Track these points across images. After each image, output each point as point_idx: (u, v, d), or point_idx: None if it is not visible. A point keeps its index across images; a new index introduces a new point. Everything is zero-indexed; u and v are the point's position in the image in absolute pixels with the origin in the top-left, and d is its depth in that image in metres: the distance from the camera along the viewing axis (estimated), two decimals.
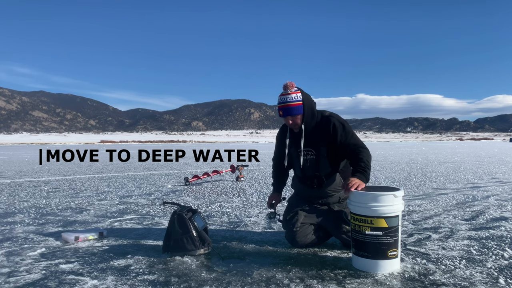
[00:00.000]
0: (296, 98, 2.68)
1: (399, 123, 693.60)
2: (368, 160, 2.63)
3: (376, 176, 8.43)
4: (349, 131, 2.74)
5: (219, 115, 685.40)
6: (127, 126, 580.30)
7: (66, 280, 2.27)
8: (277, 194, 3.12)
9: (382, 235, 2.29)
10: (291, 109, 2.69)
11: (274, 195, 3.11)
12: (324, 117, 2.79)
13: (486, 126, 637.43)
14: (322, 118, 2.79)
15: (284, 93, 2.72)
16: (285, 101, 2.70)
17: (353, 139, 2.72)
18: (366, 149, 2.69)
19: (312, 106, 2.77)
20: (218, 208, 4.58)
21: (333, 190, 2.81)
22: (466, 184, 6.80)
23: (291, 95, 2.69)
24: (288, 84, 2.71)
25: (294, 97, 2.68)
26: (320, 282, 2.19)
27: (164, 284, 2.20)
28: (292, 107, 2.69)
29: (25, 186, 7.08)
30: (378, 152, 23.02)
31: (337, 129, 2.71)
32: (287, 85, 2.71)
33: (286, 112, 2.71)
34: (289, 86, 2.71)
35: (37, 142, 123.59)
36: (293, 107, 2.68)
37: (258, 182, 7.36)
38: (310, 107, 2.74)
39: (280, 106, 2.73)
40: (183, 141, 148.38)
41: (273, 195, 3.12)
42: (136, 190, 6.30)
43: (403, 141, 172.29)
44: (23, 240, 3.20)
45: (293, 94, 2.69)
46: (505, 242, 2.99)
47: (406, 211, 4.17)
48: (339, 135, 2.71)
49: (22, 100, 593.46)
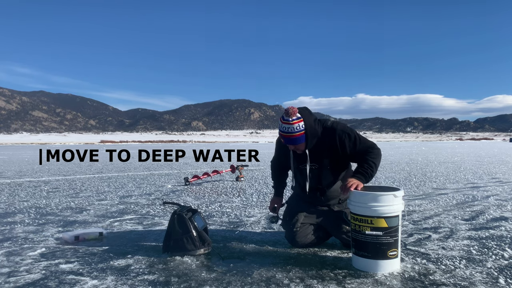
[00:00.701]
0: (299, 128, 2.57)
1: (399, 123, 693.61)
2: (374, 161, 2.60)
3: (376, 176, 8.43)
4: (356, 138, 2.66)
5: (219, 115, 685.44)
6: (127, 126, 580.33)
7: (66, 280, 2.27)
8: (278, 198, 3.11)
9: (382, 235, 2.29)
10: (294, 139, 2.60)
11: (276, 199, 3.10)
12: (326, 129, 2.70)
13: (486, 126, 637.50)
14: (325, 130, 2.70)
15: (286, 122, 2.58)
16: (287, 131, 2.59)
17: (361, 144, 2.66)
18: (375, 149, 2.65)
19: (316, 130, 2.65)
20: (218, 208, 4.58)
21: (333, 197, 2.82)
22: (466, 184, 6.80)
23: (293, 125, 2.56)
24: (290, 111, 2.57)
25: (296, 128, 2.56)
26: (320, 282, 2.19)
27: (164, 284, 2.20)
28: (295, 138, 2.59)
29: (25, 186, 7.08)
30: None
31: (344, 141, 2.64)
32: (288, 112, 2.57)
33: (288, 141, 2.64)
34: (291, 113, 2.56)
35: (37, 142, 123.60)
36: (296, 137, 2.59)
37: (258, 182, 7.36)
38: (313, 133, 2.63)
39: (282, 135, 2.66)
40: (183, 141, 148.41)
41: (274, 199, 3.11)
42: (136, 190, 6.30)
43: (403, 141, 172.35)
44: (23, 240, 3.20)
45: (295, 124, 2.56)
46: (505, 242, 2.99)
47: (406, 211, 4.17)
48: (347, 146, 2.65)
49: (22, 100, 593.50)
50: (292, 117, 2.56)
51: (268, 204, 4.81)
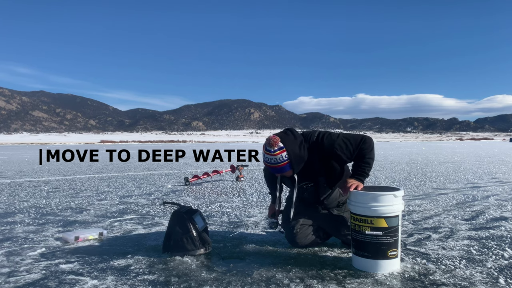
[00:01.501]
0: (282, 159, 2.49)
1: (399, 123, 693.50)
2: (369, 156, 2.55)
3: (376, 176, 8.42)
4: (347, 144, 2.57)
5: (219, 115, 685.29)
6: (127, 126, 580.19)
7: (66, 280, 2.27)
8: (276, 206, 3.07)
9: (382, 235, 2.29)
10: (279, 169, 2.56)
11: (274, 206, 3.08)
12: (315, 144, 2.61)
13: (486, 126, 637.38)
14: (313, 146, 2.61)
15: (268, 152, 2.52)
16: (270, 162, 2.54)
17: (353, 146, 2.57)
18: (366, 142, 2.56)
19: (301, 156, 2.56)
20: (218, 208, 4.58)
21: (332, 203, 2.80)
22: (466, 184, 6.80)
23: (276, 156, 2.49)
24: (272, 141, 2.49)
25: (279, 158, 2.49)
26: (320, 282, 2.19)
27: (164, 284, 2.20)
28: (280, 168, 2.54)
29: (25, 186, 7.08)
30: (378, 152, 23.03)
31: (337, 151, 2.56)
32: (270, 143, 2.49)
33: (274, 171, 2.61)
34: (273, 144, 2.48)
35: (37, 142, 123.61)
36: (280, 167, 2.54)
37: (258, 182, 7.36)
38: (298, 160, 2.55)
39: (267, 165, 2.60)
40: (183, 141, 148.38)
41: (272, 206, 3.10)
42: (136, 190, 6.30)
43: (403, 141, 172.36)
44: (23, 240, 3.20)
45: (278, 155, 2.49)
46: (505, 242, 2.99)
47: (406, 211, 4.17)
48: (343, 156, 2.57)
49: (22, 100, 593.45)
50: (274, 147, 2.49)
51: (268, 204, 4.81)
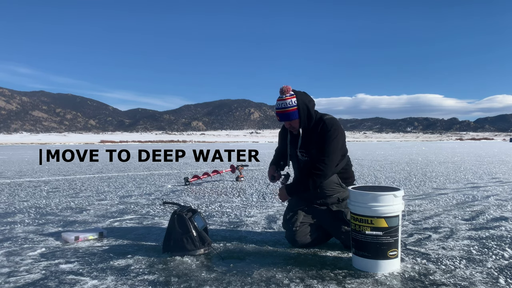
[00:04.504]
0: (291, 104, 2.68)
1: (399, 123, 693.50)
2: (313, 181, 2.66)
3: (376, 176, 8.42)
4: (331, 137, 2.66)
5: (219, 115, 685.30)
6: (127, 126, 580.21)
7: (66, 280, 2.27)
8: (274, 166, 3.07)
9: (382, 235, 2.29)
10: (287, 114, 2.71)
11: (272, 167, 3.05)
12: (319, 120, 2.76)
13: (486, 126, 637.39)
14: (318, 121, 2.75)
15: (280, 98, 2.72)
16: (280, 107, 2.71)
17: (326, 145, 2.65)
18: (326, 168, 2.64)
19: (309, 109, 2.73)
20: (218, 208, 4.58)
21: (330, 190, 2.80)
22: (466, 184, 6.80)
23: (286, 100, 2.69)
24: (284, 88, 2.70)
25: (289, 103, 2.68)
26: (320, 282, 2.19)
27: (164, 284, 2.20)
28: (288, 113, 2.70)
29: (25, 186, 7.08)
30: (378, 152, 23.02)
31: (323, 130, 2.68)
32: (282, 90, 2.71)
33: (282, 117, 2.74)
34: (285, 90, 2.70)
35: (37, 142, 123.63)
36: (288, 112, 2.70)
37: (258, 182, 7.36)
38: (305, 110, 2.72)
39: (277, 112, 2.75)
40: (183, 141, 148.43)
41: (271, 168, 3.06)
42: (136, 190, 6.31)
43: (403, 141, 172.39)
44: (23, 240, 3.20)
45: (288, 100, 2.69)
46: (505, 242, 2.99)
47: (406, 211, 4.17)
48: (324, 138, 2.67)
49: (22, 100, 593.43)
50: (285, 94, 2.71)
51: (268, 204, 4.81)
